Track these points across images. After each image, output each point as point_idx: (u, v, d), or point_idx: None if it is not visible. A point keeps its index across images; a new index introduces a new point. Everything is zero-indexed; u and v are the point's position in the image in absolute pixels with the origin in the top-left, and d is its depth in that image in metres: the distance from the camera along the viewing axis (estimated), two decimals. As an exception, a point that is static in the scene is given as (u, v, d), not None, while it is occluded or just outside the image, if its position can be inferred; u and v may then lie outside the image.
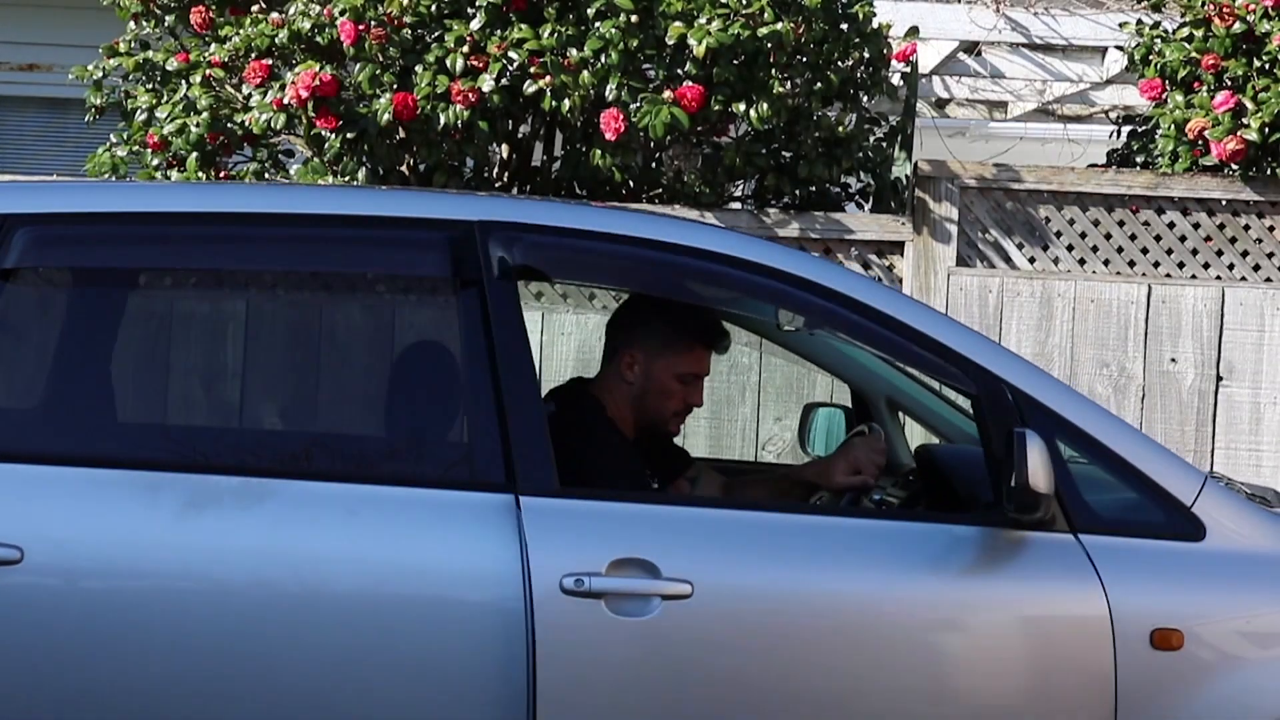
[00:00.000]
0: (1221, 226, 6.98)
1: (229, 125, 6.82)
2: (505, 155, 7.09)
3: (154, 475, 3.47)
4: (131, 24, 7.38)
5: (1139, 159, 7.51)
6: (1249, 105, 6.81)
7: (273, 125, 6.62)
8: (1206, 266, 6.96)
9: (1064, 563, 3.46)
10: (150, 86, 7.18)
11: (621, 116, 6.47)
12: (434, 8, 6.68)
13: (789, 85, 6.76)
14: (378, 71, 6.56)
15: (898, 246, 6.91)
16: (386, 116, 6.45)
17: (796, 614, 3.46)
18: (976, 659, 3.47)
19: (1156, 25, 7.36)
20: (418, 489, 3.52)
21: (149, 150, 6.97)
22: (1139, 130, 7.78)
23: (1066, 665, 3.43)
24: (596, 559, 3.41)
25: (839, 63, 6.88)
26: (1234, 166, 6.84)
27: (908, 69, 7.40)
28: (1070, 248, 6.98)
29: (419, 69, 6.55)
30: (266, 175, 7.10)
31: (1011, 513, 3.41)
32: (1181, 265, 6.97)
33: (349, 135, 6.59)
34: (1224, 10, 6.97)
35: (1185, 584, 3.52)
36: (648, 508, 3.62)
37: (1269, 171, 6.89)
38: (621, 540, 3.45)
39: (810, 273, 3.70)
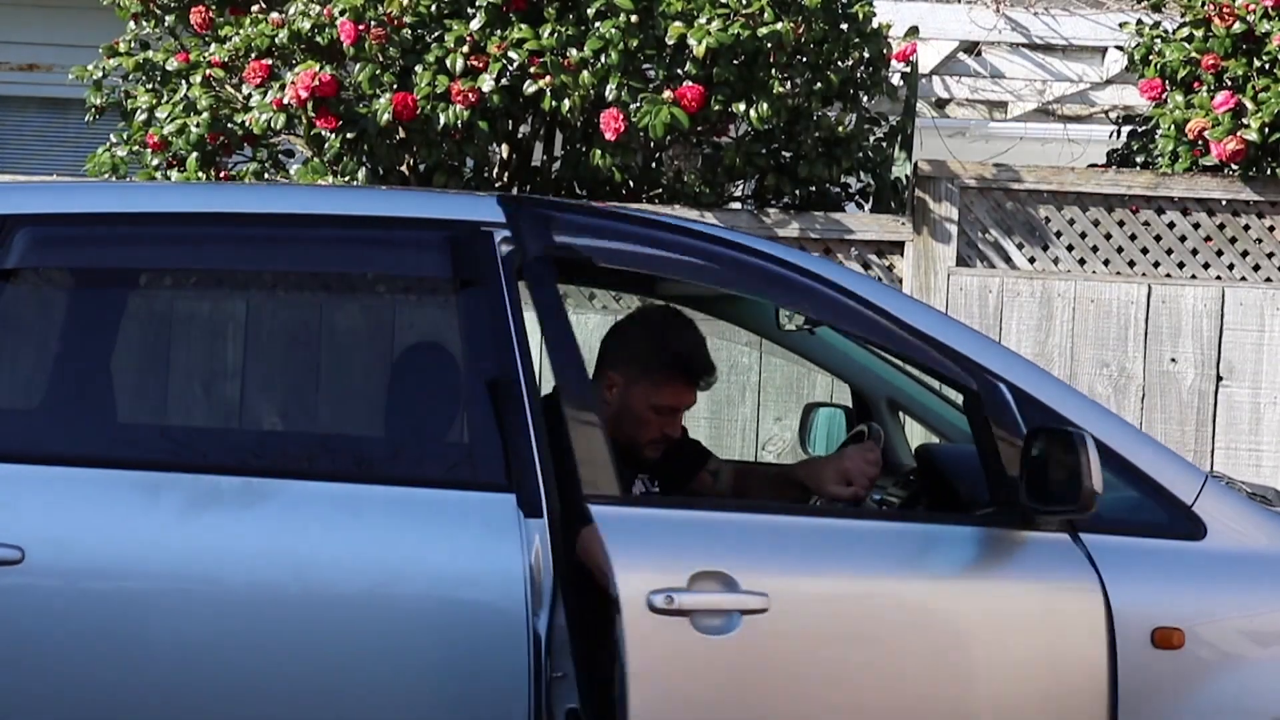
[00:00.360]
0: (1221, 226, 6.98)
1: (229, 125, 6.82)
2: (505, 155, 7.09)
3: (155, 475, 3.46)
4: (131, 24, 7.39)
5: (1139, 159, 7.51)
6: (1249, 105, 6.81)
7: (273, 125, 6.62)
8: (1206, 266, 6.96)
9: (1065, 562, 3.45)
10: (150, 86, 7.18)
11: (621, 116, 6.47)
12: (434, 8, 6.68)
13: (789, 85, 6.76)
14: (378, 71, 6.56)
15: (898, 246, 6.91)
16: (386, 116, 6.45)
17: (864, 621, 3.41)
18: (980, 658, 3.45)
19: (1156, 25, 7.36)
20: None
21: (149, 150, 6.97)
22: (1139, 130, 7.78)
23: (1067, 664, 3.43)
24: (679, 573, 3.29)
25: (839, 63, 6.88)
26: (1234, 166, 6.85)
27: (908, 69, 7.40)
28: (1070, 248, 6.98)
29: (419, 69, 6.55)
30: (266, 175, 7.11)
31: (1074, 513, 3.37)
32: (1181, 265, 6.97)
33: (349, 135, 6.59)
34: (1224, 10, 6.97)
35: (1186, 583, 3.51)
36: (716, 515, 3.51)
37: (1269, 171, 6.89)
38: (699, 551, 3.33)
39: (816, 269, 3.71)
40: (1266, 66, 6.91)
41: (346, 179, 6.69)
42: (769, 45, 6.53)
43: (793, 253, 3.80)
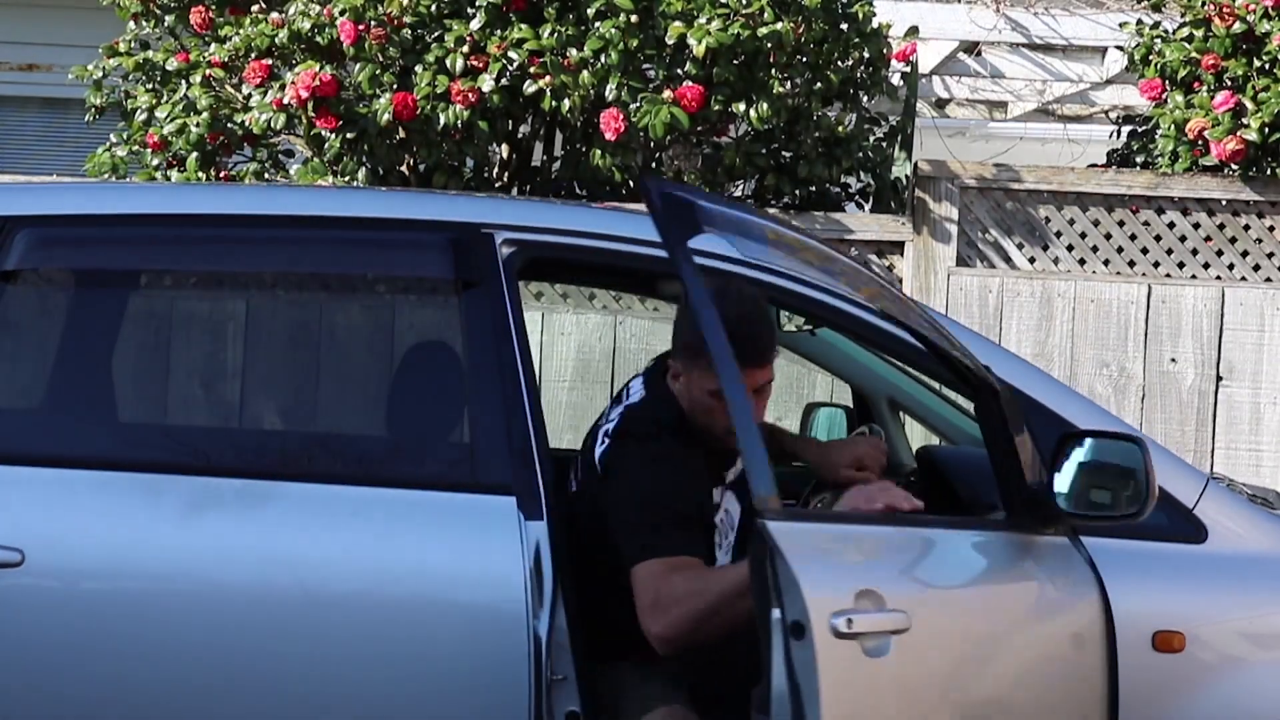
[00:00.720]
0: (1221, 226, 6.98)
1: (229, 125, 6.82)
2: (505, 155, 7.09)
3: (156, 477, 3.46)
4: (131, 24, 7.38)
5: (1139, 159, 7.51)
6: (1249, 105, 6.81)
7: (273, 125, 6.62)
8: (1206, 266, 6.96)
9: (1065, 565, 3.45)
10: (150, 86, 7.17)
11: (621, 116, 6.47)
12: (434, 8, 6.67)
13: (789, 85, 6.76)
14: (378, 71, 6.56)
15: (898, 246, 6.91)
16: (386, 116, 6.45)
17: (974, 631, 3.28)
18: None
19: (1156, 25, 7.36)
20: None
21: (149, 150, 6.97)
22: (1139, 130, 7.78)
23: (1068, 667, 3.42)
24: (847, 593, 2.98)
25: (839, 63, 6.88)
26: (1234, 166, 6.84)
27: (908, 69, 7.40)
28: (1070, 248, 6.98)
29: (419, 69, 6.55)
30: (266, 175, 7.10)
31: (1130, 518, 3.33)
32: (1181, 265, 6.97)
33: (349, 135, 6.59)
34: (1224, 10, 6.97)
35: (1187, 586, 3.50)
36: (855, 528, 3.26)
37: (1269, 171, 6.89)
38: (856, 570, 3.08)
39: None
40: (1266, 66, 6.91)
41: (346, 179, 6.69)
42: (769, 45, 6.53)
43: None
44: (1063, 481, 3.35)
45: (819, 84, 6.79)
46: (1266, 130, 6.73)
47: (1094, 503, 3.34)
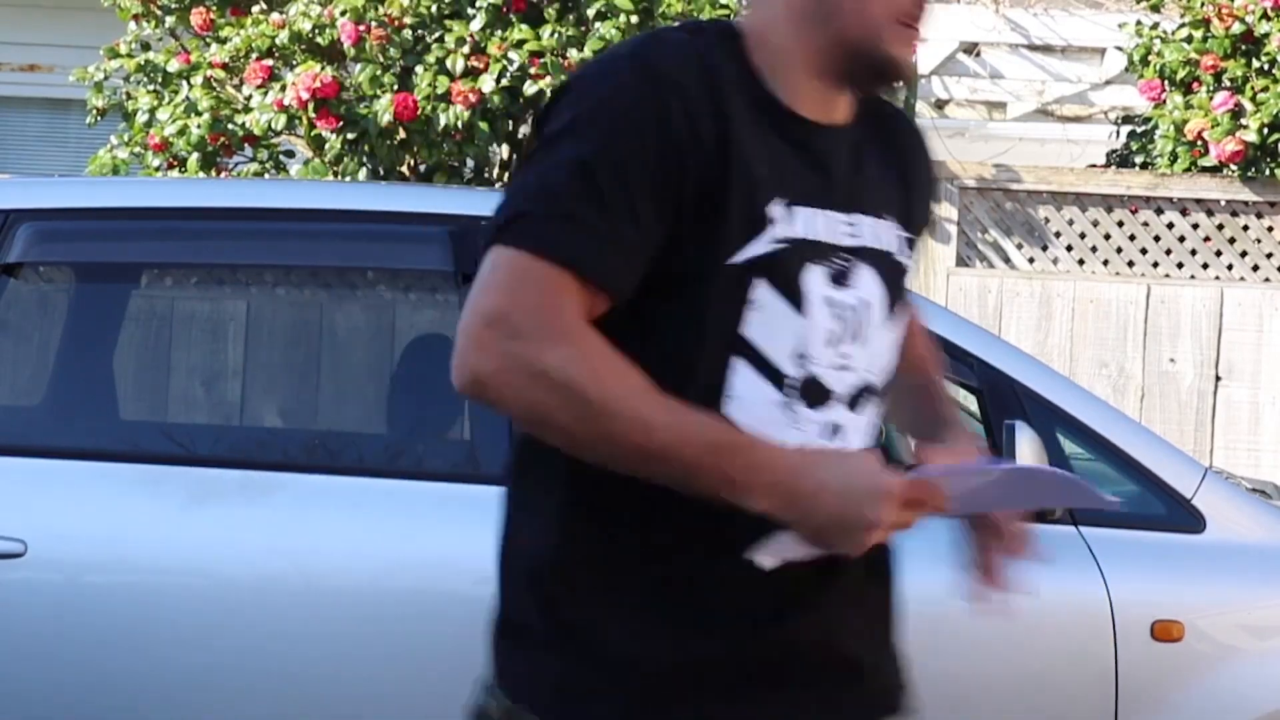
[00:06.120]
0: (1220, 227, 6.99)
1: (230, 126, 6.83)
2: (505, 156, 7.10)
3: (157, 469, 3.47)
4: (132, 25, 7.40)
5: (1138, 159, 7.53)
6: (1248, 106, 6.83)
7: (273, 126, 6.63)
8: (1205, 267, 6.98)
9: (1065, 554, 3.45)
10: (151, 88, 7.18)
11: (622, 117, 6.48)
12: (434, 8, 6.69)
13: (789, 86, 6.77)
14: (378, 72, 6.57)
15: (897, 246, 6.92)
16: (387, 117, 6.46)
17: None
18: (983, 648, 3.44)
19: (1156, 26, 7.38)
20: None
21: (150, 151, 6.97)
22: (1138, 131, 7.80)
23: (1068, 656, 3.43)
24: None
25: (838, 63, 6.89)
26: (1233, 167, 6.86)
27: (907, 70, 7.41)
28: (1069, 248, 7.00)
29: (419, 69, 6.57)
30: (267, 176, 7.11)
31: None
32: (1180, 265, 6.99)
33: (349, 136, 6.60)
34: (1223, 11, 6.99)
35: (1186, 576, 3.51)
36: None
37: (1267, 172, 6.91)
38: None
39: None
40: (1265, 67, 6.93)
41: (347, 179, 6.70)
42: (769, 46, 6.53)
43: None
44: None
45: (819, 84, 6.80)
46: (1265, 131, 6.75)
47: None
